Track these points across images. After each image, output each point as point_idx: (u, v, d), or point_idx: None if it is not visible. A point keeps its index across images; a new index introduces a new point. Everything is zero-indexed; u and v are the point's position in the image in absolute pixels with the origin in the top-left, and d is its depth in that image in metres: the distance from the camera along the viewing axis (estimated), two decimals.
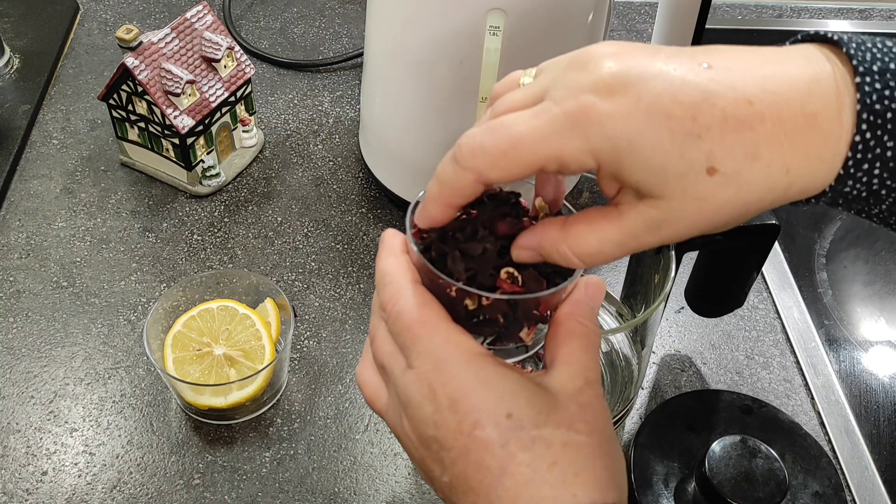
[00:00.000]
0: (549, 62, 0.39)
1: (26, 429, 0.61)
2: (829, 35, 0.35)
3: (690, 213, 0.35)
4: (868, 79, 0.34)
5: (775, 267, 0.74)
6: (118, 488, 0.58)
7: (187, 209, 0.76)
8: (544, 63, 0.39)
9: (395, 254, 0.42)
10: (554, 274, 0.40)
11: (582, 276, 0.41)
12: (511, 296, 0.39)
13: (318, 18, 0.98)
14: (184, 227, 0.75)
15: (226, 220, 0.76)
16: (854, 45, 0.35)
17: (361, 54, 0.91)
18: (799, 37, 0.37)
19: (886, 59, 0.34)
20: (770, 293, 0.72)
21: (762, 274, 0.73)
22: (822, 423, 0.64)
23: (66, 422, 0.61)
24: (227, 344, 0.61)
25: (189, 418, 0.62)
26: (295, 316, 0.64)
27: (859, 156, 0.34)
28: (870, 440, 0.62)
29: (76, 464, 0.59)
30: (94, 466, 0.59)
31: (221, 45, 0.73)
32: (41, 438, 0.60)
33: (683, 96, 0.33)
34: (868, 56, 0.34)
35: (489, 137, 0.36)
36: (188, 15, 0.73)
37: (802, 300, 0.72)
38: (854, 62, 0.34)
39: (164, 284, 0.70)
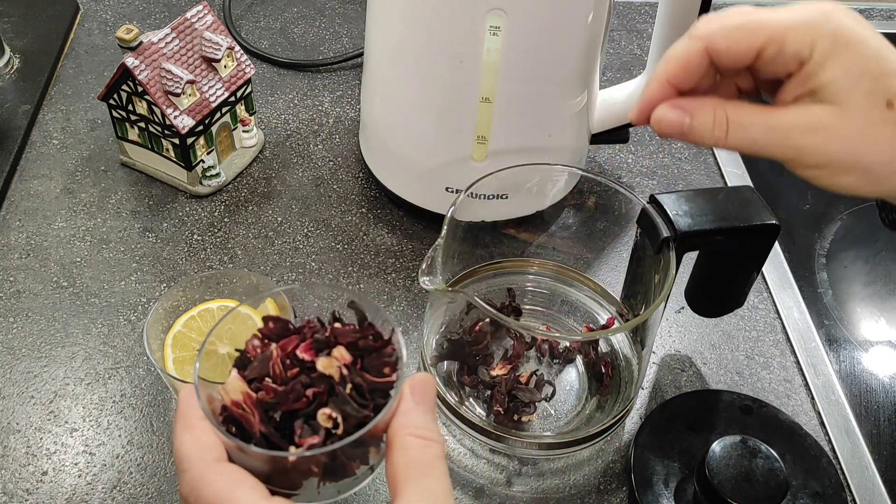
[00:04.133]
0: None
1: (26, 429, 0.61)
2: None
3: (849, 132, 0.41)
4: None
5: (775, 267, 0.74)
6: (118, 488, 0.58)
7: (187, 209, 0.76)
8: None
9: (189, 427, 0.37)
10: (374, 392, 0.39)
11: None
12: (323, 449, 0.36)
13: (318, 18, 0.98)
14: (184, 227, 0.75)
15: (226, 220, 0.76)
16: None
17: (361, 54, 0.91)
18: None
19: None
20: (770, 293, 0.72)
21: (762, 274, 0.73)
22: (822, 423, 0.64)
23: (67, 422, 0.61)
24: (229, 343, 0.61)
25: None
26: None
27: None
28: (870, 440, 0.62)
29: (76, 464, 0.59)
30: (95, 466, 0.59)
31: (221, 45, 0.73)
32: (41, 438, 0.60)
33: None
34: None
35: (731, 16, 0.43)
36: (188, 15, 0.73)
37: (802, 300, 0.72)
38: None
39: (164, 284, 0.70)
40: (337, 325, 0.42)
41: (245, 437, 0.38)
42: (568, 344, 0.65)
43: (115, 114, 0.75)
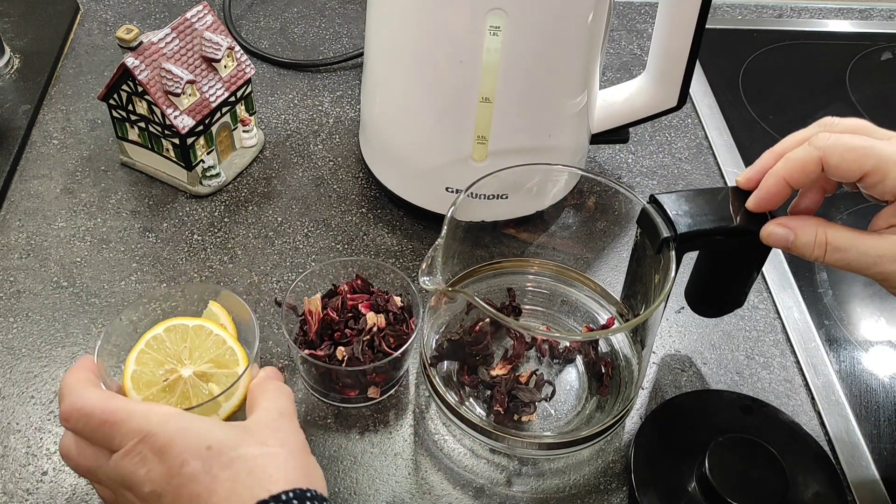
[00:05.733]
0: None
1: (26, 429, 0.61)
2: None
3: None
4: None
5: (775, 267, 0.74)
6: None
7: (187, 209, 0.76)
8: None
9: (71, 372, 0.48)
10: (378, 354, 0.60)
11: None
12: (318, 362, 0.59)
13: (318, 18, 0.98)
14: (184, 227, 0.75)
15: (226, 220, 0.76)
16: None
17: (361, 54, 0.91)
18: None
19: None
20: (770, 293, 0.72)
21: (762, 274, 0.73)
22: (822, 423, 0.64)
23: None
24: (193, 362, 0.56)
25: None
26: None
27: None
28: (870, 440, 0.62)
29: None
30: None
31: (221, 45, 0.73)
32: (41, 438, 0.60)
33: None
34: None
35: (850, 137, 0.49)
36: (188, 15, 0.73)
37: (802, 300, 0.72)
38: None
39: (164, 284, 0.70)
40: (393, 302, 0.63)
41: (307, 342, 0.62)
42: (568, 344, 0.65)
43: (115, 114, 0.75)
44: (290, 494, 0.41)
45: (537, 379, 0.61)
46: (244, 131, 0.80)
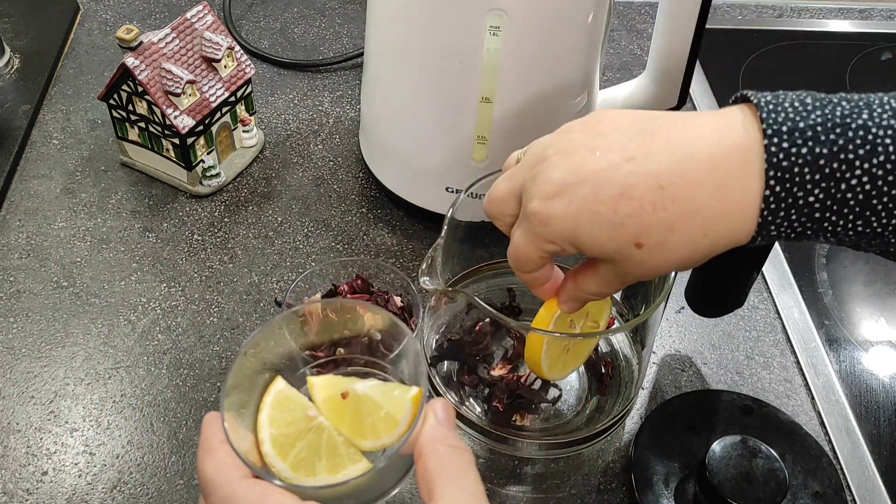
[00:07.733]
0: (531, 146, 0.48)
1: (26, 429, 0.61)
2: (751, 97, 0.42)
3: (637, 270, 0.44)
4: (776, 139, 0.39)
5: (775, 267, 0.74)
6: (118, 488, 0.58)
7: (187, 209, 0.76)
8: (530, 144, 0.48)
9: (211, 450, 0.38)
10: (375, 353, 0.49)
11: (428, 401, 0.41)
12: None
13: (318, 18, 0.98)
14: (184, 227, 0.75)
15: (226, 220, 0.76)
16: (770, 106, 0.40)
17: (361, 54, 0.91)
18: (732, 99, 0.44)
19: (798, 118, 0.39)
20: (770, 293, 0.72)
21: (762, 274, 0.73)
22: (822, 423, 0.64)
23: (67, 422, 0.61)
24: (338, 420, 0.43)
25: (188, 417, 0.62)
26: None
27: (773, 206, 0.40)
28: (870, 440, 0.62)
29: (76, 464, 0.59)
30: (95, 466, 0.59)
31: (221, 45, 0.73)
32: (41, 438, 0.60)
33: (605, 194, 0.42)
34: (780, 117, 0.40)
35: (510, 251, 0.49)
36: (188, 15, 0.73)
37: (802, 300, 0.72)
38: (765, 126, 0.40)
39: (164, 284, 0.70)
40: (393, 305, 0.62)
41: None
42: None
43: (115, 114, 0.75)
44: None
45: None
46: (244, 131, 0.80)
